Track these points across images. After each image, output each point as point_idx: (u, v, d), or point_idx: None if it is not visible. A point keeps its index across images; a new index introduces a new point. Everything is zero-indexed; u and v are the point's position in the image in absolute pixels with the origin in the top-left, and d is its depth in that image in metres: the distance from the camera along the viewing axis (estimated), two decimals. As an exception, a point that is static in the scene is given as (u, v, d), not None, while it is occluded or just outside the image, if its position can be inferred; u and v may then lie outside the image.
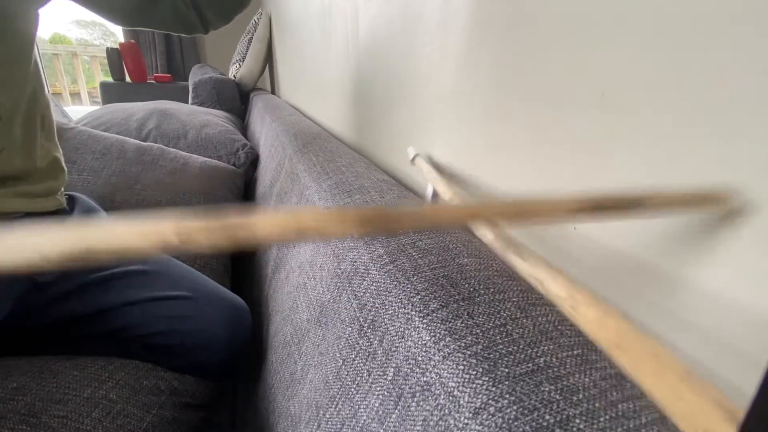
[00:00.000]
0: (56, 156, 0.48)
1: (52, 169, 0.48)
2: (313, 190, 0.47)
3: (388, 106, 0.57)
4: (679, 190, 0.17)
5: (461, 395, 0.19)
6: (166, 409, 0.41)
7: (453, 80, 0.40)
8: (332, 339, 0.31)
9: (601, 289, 0.25)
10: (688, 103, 0.19)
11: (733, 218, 0.18)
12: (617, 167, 0.23)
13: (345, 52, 0.74)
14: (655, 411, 0.17)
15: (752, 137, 0.17)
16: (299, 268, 0.43)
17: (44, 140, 0.46)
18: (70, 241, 0.10)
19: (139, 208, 0.69)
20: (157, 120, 1.07)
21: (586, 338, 0.21)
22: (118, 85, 2.02)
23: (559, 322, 0.22)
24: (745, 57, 0.17)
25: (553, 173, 0.28)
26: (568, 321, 0.22)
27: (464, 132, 0.39)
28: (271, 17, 1.72)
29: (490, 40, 0.34)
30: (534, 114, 0.30)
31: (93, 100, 3.74)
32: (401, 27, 0.50)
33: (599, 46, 0.24)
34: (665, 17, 0.20)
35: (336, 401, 0.27)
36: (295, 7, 1.18)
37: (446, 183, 0.35)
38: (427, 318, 0.23)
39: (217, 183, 0.81)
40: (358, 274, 0.31)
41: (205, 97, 1.64)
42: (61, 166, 0.49)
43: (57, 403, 0.35)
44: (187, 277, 0.51)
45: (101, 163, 0.73)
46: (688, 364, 0.12)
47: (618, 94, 0.23)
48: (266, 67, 1.84)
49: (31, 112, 0.44)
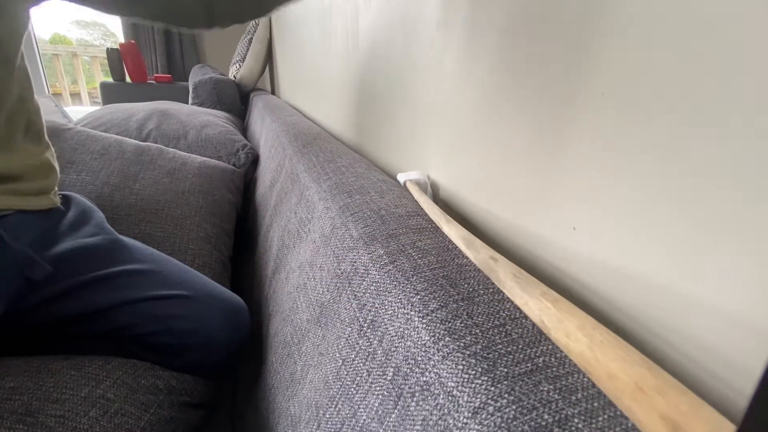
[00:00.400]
0: (47, 157, 0.48)
1: (43, 169, 0.48)
2: (313, 190, 0.47)
3: (388, 106, 0.57)
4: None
5: (460, 395, 0.19)
6: (164, 408, 0.41)
7: (452, 79, 0.40)
8: (332, 339, 0.31)
9: (600, 288, 0.25)
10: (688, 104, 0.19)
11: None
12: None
13: (345, 52, 0.75)
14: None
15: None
16: (299, 268, 0.43)
17: (30, 144, 0.46)
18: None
19: (137, 207, 0.69)
20: (157, 120, 1.07)
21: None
22: (118, 85, 2.02)
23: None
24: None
25: (552, 170, 0.28)
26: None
27: (464, 132, 0.39)
28: (271, 18, 1.72)
29: (489, 39, 0.34)
30: (534, 114, 0.30)
31: (93, 100, 3.74)
32: (401, 27, 0.50)
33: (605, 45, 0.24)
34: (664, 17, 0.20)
35: (336, 401, 0.27)
36: (295, 8, 1.18)
37: (437, 209, 0.36)
38: (427, 318, 0.23)
39: (216, 182, 0.81)
40: (358, 275, 0.31)
41: (205, 98, 1.64)
42: (53, 167, 0.49)
43: (54, 403, 0.35)
44: (185, 276, 0.51)
45: (99, 163, 0.73)
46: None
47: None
48: (266, 67, 1.84)
49: (14, 117, 0.43)
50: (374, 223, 0.34)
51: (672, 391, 0.15)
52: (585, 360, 0.19)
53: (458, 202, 0.42)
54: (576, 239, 0.27)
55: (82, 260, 0.46)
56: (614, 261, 0.24)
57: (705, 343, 0.20)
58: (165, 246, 0.65)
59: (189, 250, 0.66)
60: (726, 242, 0.18)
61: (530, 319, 0.23)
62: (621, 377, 0.17)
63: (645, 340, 0.23)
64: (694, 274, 0.20)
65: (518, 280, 0.24)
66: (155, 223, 0.68)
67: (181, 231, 0.68)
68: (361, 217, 0.36)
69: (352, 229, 0.35)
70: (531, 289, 0.23)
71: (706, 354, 0.20)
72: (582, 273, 0.27)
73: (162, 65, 2.45)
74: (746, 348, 0.18)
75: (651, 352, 0.22)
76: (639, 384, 0.16)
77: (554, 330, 0.21)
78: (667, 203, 0.21)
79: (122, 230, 0.58)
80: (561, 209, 0.28)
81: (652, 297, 0.22)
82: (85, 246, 0.48)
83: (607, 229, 0.24)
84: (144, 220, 0.67)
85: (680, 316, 0.21)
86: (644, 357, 0.17)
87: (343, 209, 0.38)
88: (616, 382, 0.17)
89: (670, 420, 0.14)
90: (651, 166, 0.21)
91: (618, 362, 0.17)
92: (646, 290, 0.22)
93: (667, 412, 0.15)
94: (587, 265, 0.26)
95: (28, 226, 0.45)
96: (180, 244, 0.67)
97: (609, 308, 0.25)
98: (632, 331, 0.23)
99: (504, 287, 0.25)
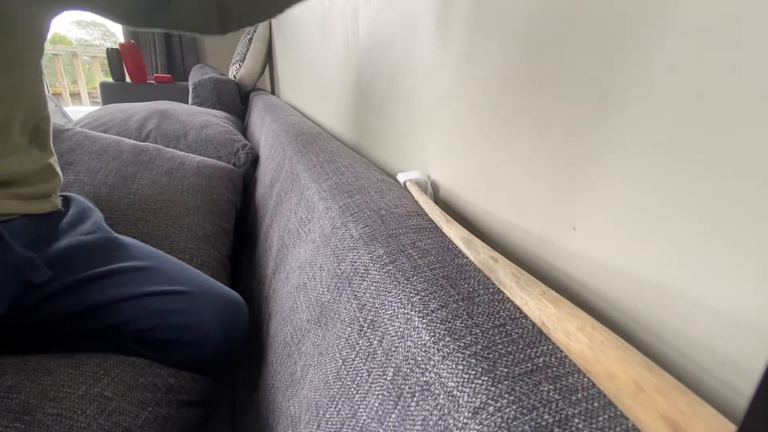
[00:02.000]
0: (50, 162, 0.49)
1: (46, 173, 0.48)
2: (313, 190, 0.47)
3: (388, 106, 0.57)
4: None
5: (460, 395, 0.19)
6: (163, 406, 0.41)
7: (452, 80, 0.40)
8: (332, 339, 0.31)
9: (600, 288, 0.25)
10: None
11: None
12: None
13: (345, 52, 0.75)
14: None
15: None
16: (299, 268, 0.43)
17: (35, 149, 0.47)
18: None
19: (135, 207, 0.69)
20: (157, 120, 1.07)
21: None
22: (118, 85, 2.02)
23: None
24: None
25: (552, 170, 0.28)
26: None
27: (464, 132, 0.39)
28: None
29: (489, 39, 0.34)
30: (534, 113, 0.30)
31: (93, 100, 3.74)
32: (401, 27, 0.50)
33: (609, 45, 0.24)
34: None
35: (336, 401, 0.27)
36: (295, 8, 1.18)
37: (437, 209, 0.36)
38: (427, 318, 0.23)
39: (215, 182, 0.81)
40: (358, 275, 0.31)
41: (205, 98, 1.64)
42: (55, 171, 0.50)
43: (51, 401, 0.35)
44: (183, 272, 0.51)
45: (98, 163, 0.73)
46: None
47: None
48: (266, 67, 1.84)
49: (24, 123, 0.44)
50: (374, 223, 0.34)
51: (673, 391, 0.15)
52: (585, 360, 0.19)
53: (458, 202, 0.42)
54: (576, 239, 0.27)
55: (79, 258, 0.46)
56: (614, 261, 0.24)
57: (705, 343, 0.20)
58: (163, 245, 0.65)
59: (187, 249, 0.66)
60: (726, 242, 0.18)
61: (530, 319, 0.23)
62: (621, 377, 0.17)
63: (645, 341, 0.23)
64: (695, 275, 0.20)
65: (518, 280, 0.24)
66: (153, 223, 0.68)
67: (179, 230, 0.68)
68: (361, 217, 0.36)
69: (352, 229, 0.35)
70: (531, 289, 0.23)
71: (706, 354, 0.20)
72: (582, 273, 0.27)
73: (162, 65, 2.45)
74: (746, 348, 0.18)
75: (651, 353, 0.22)
76: (639, 384, 0.16)
77: (554, 330, 0.21)
78: (667, 203, 0.21)
79: (120, 230, 0.58)
80: (561, 209, 0.28)
81: (652, 297, 0.22)
82: (82, 244, 0.48)
83: (607, 230, 0.25)
84: (142, 219, 0.67)
85: (680, 317, 0.21)
86: (644, 357, 0.17)
87: (343, 209, 0.38)
88: (616, 382, 0.17)
89: (670, 420, 0.14)
90: (651, 166, 0.21)
91: (618, 362, 0.17)
92: (646, 290, 0.22)
93: (668, 412, 0.15)
94: (587, 265, 0.26)
95: (30, 228, 0.45)
96: (178, 243, 0.66)
97: (609, 308, 0.25)
98: (632, 332, 0.23)
99: (504, 287, 0.25)
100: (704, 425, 0.14)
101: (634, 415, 0.16)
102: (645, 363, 0.17)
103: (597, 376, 0.18)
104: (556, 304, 0.22)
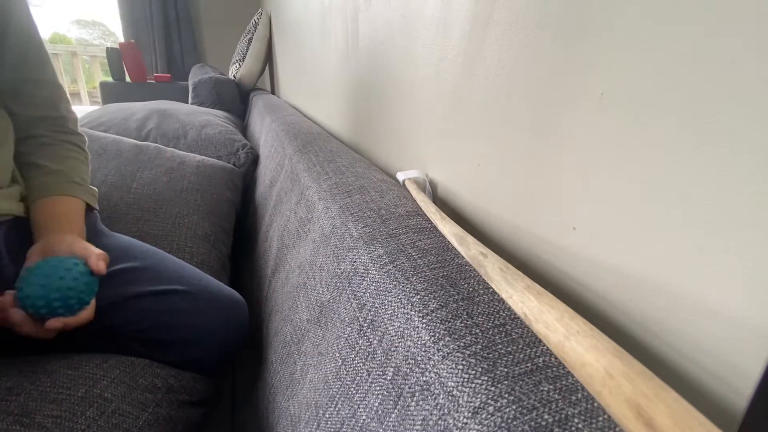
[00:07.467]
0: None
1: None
2: (313, 190, 0.47)
3: (388, 106, 0.57)
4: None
5: (460, 395, 0.19)
6: (163, 407, 0.41)
7: (452, 80, 0.40)
8: (332, 339, 0.31)
9: (600, 288, 0.25)
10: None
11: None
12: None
13: (345, 52, 0.75)
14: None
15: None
16: (299, 268, 0.43)
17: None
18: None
19: (135, 206, 0.69)
20: (156, 120, 1.07)
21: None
22: (118, 85, 2.02)
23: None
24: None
25: (551, 170, 0.28)
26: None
27: (463, 131, 0.39)
28: (271, 17, 1.72)
29: (489, 40, 0.34)
30: (534, 113, 0.30)
31: (93, 100, 3.73)
32: (401, 27, 0.50)
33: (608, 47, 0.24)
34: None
35: (335, 401, 0.27)
36: (295, 7, 1.18)
37: (433, 207, 0.36)
38: (427, 318, 0.23)
39: (215, 181, 0.81)
40: (358, 274, 0.31)
41: (205, 97, 1.63)
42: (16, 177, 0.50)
43: (51, 403, 0.35)
44: (183, 272, 0.50)
45: (97, 163, 0.73)
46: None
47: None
48: (266, 67, 1.84)
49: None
50: (374, 223, 0.34)
51: (639, 377, 0.16)
52: (561, 349, 0.19)
53: (456, 201, 0.42)
54: (576, 239, 0.27)
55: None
56: (614, 261, 0.24)
57: (705, 343, 0.20)
58: (163, 244, 0.65)
59: (187, 249, 0.66)
60: (727, 243, 0.18)
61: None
62: (593, 364, 0.17)
63: (645, 341, 0.23)
64: (695, 275, 0.20)
65: (504, 274, 0.25)
66: (153, 222, 0.67)
67: (179, 229, 0.68)
68: (361, 216, 0.36)
69: (352, 228, 0.35)
70: (516, 282, 0.24)
71: (706, 354, 0.20)
72: (582, 273, 0.27)
73: (162, 65, 2.44)
74: (746, 348, 0.18)
75: (651, 353, 0.22)
76: (609, 371, 0.17)
77: (535, 322, 0.21)
78: (668, 204, 0.21)
79: (120, 229, 0.58)
80: (561, 209, 0.28)
81: (652, 297, 0.22)
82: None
83: (607, 230, 0.24)
84: (142, 218, 0.67)
85: (680, 316, 0.21)
86: (617, 346, 0.18)
87: (343, 209, 0.38)
88: (588, 369, 0.17)
89: (634, 403, 0.15)
90: (652, 166, 0.21)
91: (591, 351, 0.18)
92: (646, 290, 0.22)
93: (632, 396, 0.15)
94: (587, 265, 0.26)
95: (27, 230, 0.45)
96: (178, 242, 0.66)
97: (609, 308, 0.25)
98: (632, 332, 0.23)
99: (492, 282, 0.26)
100: (665, 407, 0.14)
101: (603, 400, 0.17)
102: (616, 351, 0.17)
103: (572, 365, 0.19)
104: (538, 297, 0.22)
